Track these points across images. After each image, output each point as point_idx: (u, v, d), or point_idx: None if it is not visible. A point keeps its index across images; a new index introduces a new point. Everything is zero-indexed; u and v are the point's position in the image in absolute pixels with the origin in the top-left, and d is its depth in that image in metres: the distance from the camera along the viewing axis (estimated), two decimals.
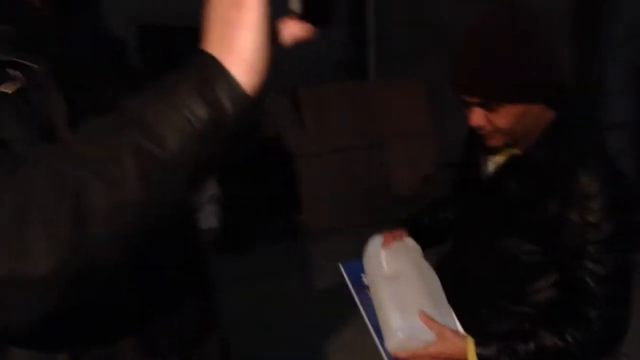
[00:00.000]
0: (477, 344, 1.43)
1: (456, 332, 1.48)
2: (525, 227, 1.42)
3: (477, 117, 1.40)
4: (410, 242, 1.70)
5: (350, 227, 4.93)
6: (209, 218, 3.10)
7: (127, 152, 0.60)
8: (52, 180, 0.59)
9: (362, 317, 1.56)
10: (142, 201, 0.60)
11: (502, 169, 1.50)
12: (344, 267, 1.67)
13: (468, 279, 1.56)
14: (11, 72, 0.74)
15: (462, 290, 1.56)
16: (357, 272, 1.65)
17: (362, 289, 1.61)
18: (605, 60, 5.61)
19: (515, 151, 1.47)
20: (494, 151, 1.50)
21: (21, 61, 0.75)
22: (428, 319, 1.46)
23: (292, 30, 0.70)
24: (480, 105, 1.38)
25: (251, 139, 0.65)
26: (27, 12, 0.81)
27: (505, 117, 1.37)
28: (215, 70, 0.63)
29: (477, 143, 1.52)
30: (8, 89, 0.73)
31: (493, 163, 1.53)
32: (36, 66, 0.75)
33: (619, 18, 5.51)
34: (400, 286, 1.53)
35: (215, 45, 0.64)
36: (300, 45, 0.73)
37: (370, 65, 6.13)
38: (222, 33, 0.64)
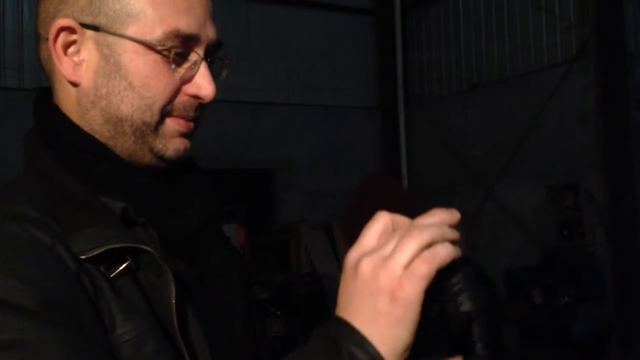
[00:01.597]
0: None
1: None
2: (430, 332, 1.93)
3: None
4: None
5: None
6: None
7: None
8: None
9: None
10: None
11: None
12: None
13: None
14: (127, 257, 0.73)
15: None
16: None
17: None
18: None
19: None
20: None
21: (137, 246, 0.74)
22: None
23: None
24: None
25: None
26: (142, 183, 0.80)
27: None
28: (369, 355, 0.62)
29: None
30: (118, 272, 0.73)
31: None
32: (153, 251, 0.74)
33: None
34: None
35: (364, 328, 0.62)
36: (335, 181, 0.71)
37: None
38: (372, 321, 0.63)
